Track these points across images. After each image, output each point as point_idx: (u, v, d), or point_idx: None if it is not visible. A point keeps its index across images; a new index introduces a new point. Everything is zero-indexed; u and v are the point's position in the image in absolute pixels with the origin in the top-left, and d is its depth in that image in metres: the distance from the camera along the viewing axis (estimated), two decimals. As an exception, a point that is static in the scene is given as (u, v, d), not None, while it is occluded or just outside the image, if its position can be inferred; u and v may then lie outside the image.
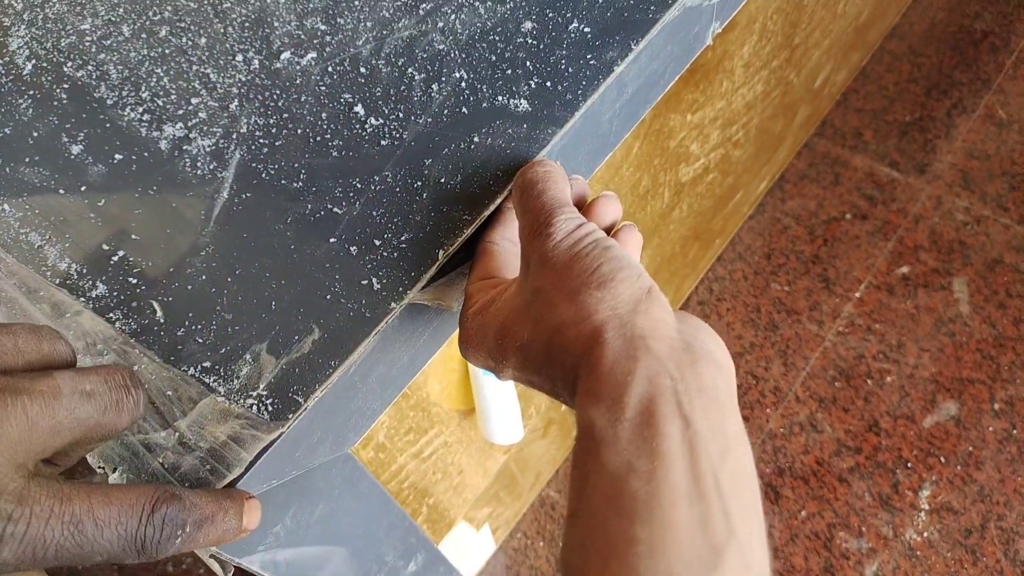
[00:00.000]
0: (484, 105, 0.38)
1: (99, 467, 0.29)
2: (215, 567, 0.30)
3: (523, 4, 0.41)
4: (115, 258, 0.35)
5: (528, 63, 0.39)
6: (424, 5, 0.41)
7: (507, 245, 0.35)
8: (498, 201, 0.35)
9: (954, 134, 1.45)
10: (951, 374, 1.18)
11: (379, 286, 0.33)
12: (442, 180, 0.36)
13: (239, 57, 0.40)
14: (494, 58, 0.39)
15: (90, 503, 0.23)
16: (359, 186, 0.36)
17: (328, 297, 0.33)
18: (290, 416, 0.30)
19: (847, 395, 1.18)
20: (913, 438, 1.13)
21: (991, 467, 1.10)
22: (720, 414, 0.25)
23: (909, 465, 1.11)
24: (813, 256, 1.34)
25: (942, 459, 1.11)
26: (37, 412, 0.23)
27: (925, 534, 1.05)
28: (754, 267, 1.34)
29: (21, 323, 0.26)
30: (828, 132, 1.48)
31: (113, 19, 0.42)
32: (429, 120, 0.38)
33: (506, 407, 0.72)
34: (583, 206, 0.35)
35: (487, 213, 0.35)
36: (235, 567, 0.31)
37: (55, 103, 0.40)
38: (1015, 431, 1.12)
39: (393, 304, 0.33)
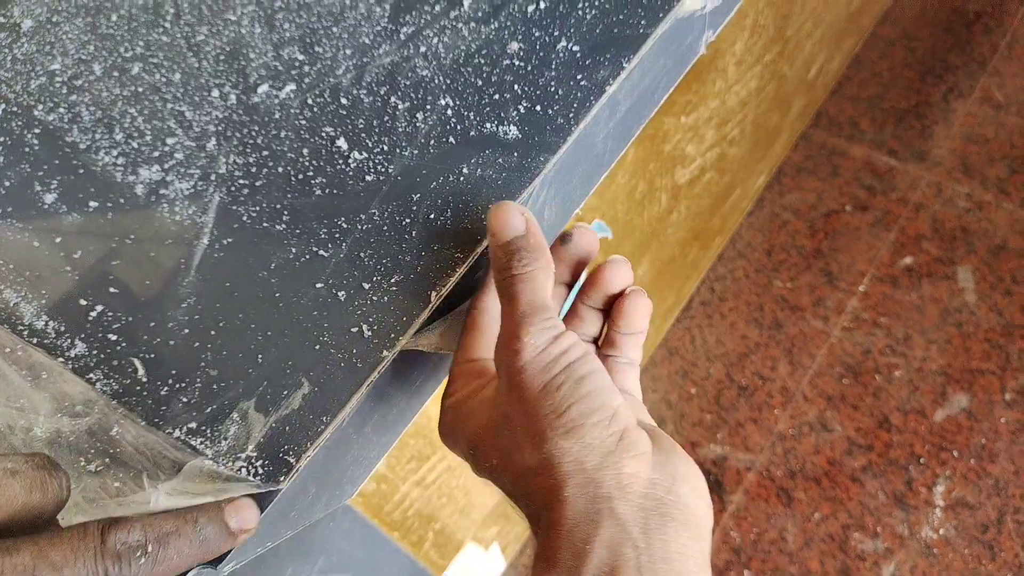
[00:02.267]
0: (472, 134, 0.36)
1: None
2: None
3: (508, 24, 0.39)
4: (93, 314, 0.33)
5: (516, 86, 0.38)
6: (405, 29, 0.39)
7: (498, 317, 0.33)
8: (491, 236, 0.34)
9: (951, 119, 1.43)
10: (960, 365, 1.16)
11: (370, 333, 0.32)
12: (431, 216, 0.34)
13: (215, 92, 0.39)
14: (480, 83, 0.38)
15: (39, 547, 0.23)
16: (345, 226, 0.34)
17: (317, 347, 0.31)
18: (282, 478, 0.29)
19: (856, 392, 1.16)
20: (925, 433, 1.12)
21: (1005, 459, 1.08)
22: None
23: (922, 461, 1.10)
24: (815, 250, 1.32)
25: (955, 453, 1.09)
26: None
27: (941, 531, 1.03)
28: (755, 264, 1.32)
29: None
30: (824, 122, 1.46)
31: (84, 57, 0.40)
32: (415, 152, 0.36)
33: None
34: (583, 264, 0.33)
35: (479, 250, 0.33)
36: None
37: (27, 150, 0.38)
38: (1027, 420, 1.11)
39: (385, 352, 0.31)
